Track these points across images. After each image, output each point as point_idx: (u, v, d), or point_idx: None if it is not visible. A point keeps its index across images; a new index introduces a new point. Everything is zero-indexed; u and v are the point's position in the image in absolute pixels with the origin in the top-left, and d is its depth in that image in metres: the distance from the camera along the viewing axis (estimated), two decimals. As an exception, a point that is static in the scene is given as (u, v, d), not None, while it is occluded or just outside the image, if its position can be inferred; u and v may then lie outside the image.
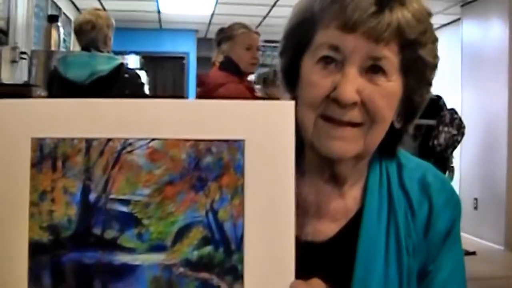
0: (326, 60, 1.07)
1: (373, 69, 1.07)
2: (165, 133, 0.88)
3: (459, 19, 8.64)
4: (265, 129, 0.89)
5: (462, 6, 8.33)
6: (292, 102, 0.91)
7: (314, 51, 1.09)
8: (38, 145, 0.87)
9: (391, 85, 1.08)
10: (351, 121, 1.07)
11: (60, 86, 3.86)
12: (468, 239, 7.66)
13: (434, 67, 1.12)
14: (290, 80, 1.16)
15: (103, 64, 3.83)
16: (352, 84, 1.05)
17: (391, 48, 1.06)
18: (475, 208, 7.83)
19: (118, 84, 3.82)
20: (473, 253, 6.85)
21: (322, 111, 1.08)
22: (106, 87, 3.76)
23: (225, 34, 4.12)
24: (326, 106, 1.07)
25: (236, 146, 0.88)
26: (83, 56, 3.88)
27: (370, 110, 1.07)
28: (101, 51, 3.95)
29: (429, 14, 1.11)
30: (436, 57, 1.12)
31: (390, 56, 1.06)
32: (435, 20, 8.93)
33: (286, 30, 1.17)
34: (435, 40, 1.12)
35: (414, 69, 1.10)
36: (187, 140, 0.88)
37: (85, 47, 3.97)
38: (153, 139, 0.88)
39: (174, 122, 0.88)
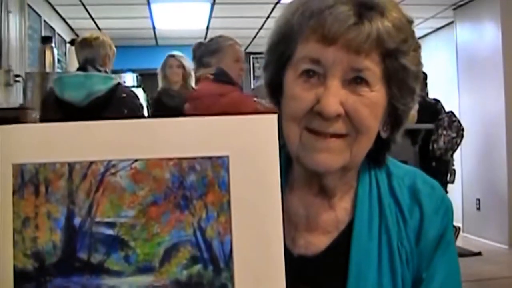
0: (308, 74, 1.07)
1: (356, 80, 1.06)
2: (147, 153, 0.87)
3: (452, 22, 8.65)
4: (248, 143, 0.88)
5: (454, 9, 8.35)
6: (275, 116, 0.90)
7: (296, 65, 1.09)
8: (19, 171, 0.86)
9: (375, 95, 1.07)
10: (335, 133, 1.06)
11: (57, 107, 3.83)
12: (472, 240, 7.66)
13: (417, 74, 1.11)
14: (275, 93, 1.16)
15: (100, 84, 3.79)
16: (335, 97, 1.04)
17: (372, 59, 1.05)
18: (478, 208, 7.82)
19: (115, 104, 3.80)
20: (479, 253, 6.84)
21: (307, 124, 1.07)
22: (103, 107, 3.74)
23: (210, 48, 4.06)
24: (310, 119, 1.07)
25: (220, 162, 0.87)
26: (79, 77, 3.85)
27: (354, 121, 1.06)
28: (99, 70, 3.93)
29: (410, 22, 1.10)
30: (419, 64, 1.11)
31: (371, 67, 1.05)
32: (429, 24, 9.00)
33: (268, 44, 1.16)
34: (417, 47, 1.11)
35: (396, 78, 1.09)
36: (170, 159, 0.87)
37: (84, 63, 3.95)
38: (136, 160, 0.87)
39: (156, 141, 0.87)
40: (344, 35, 1.03)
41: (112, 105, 3.78)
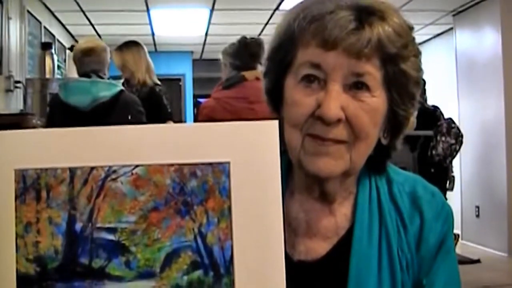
0: (308, 79, 1.07)
1: (357, 85, 1.06)
2: (148, 158, 0.87)
3: (451, 28, 8.67)
4: (249, 150, 0.88)
5: (454, 15, 8.36)
6: (276, 122, 0.90)
7: (296, 70, 1.09)
8: (21, 176, 0.86)
9: (375, 101, 1.07)
10: (335, 138, 1.06)
11: (62, 111, 3.90)
12: (471, 247, 7.65)
13: (417, 80, 1.12)
14: (275, 100, 1.16)
15: (105, 90, 3.87)
16: (336, 101, 1.04)
17: (373, 63, 1.06)
18: (477, 216, 7.81)
19: (118, 110, 3.86)
20: (478, 261, 6.83)
21: (308, 130, 1.07)
22: (107, 113, 3.82)
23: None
24: (311, 125, 1.07)
25: (220, 168, 0.88)
26: (85, 82, 3.92)
27: (354, 126, 1.06)
28: (102, 77, 4.00)
29: (410, 28, 1.11)
30: (419, 70, 1.12)
31: (372, 71, 1.06)
32: (428, 30, 9.00)
33: (268, 51, 1.17)
34: (417, 53, 1.12)
35: (397, 83, 1.09)
36: (171, 165, 0.87)
37: (88, 72, 3.99)
38: (136, 166, 0.87)
39: (157, 147, 0.88)
40: (345, 40, 1.03)
41: (116, 111, 3.86)
